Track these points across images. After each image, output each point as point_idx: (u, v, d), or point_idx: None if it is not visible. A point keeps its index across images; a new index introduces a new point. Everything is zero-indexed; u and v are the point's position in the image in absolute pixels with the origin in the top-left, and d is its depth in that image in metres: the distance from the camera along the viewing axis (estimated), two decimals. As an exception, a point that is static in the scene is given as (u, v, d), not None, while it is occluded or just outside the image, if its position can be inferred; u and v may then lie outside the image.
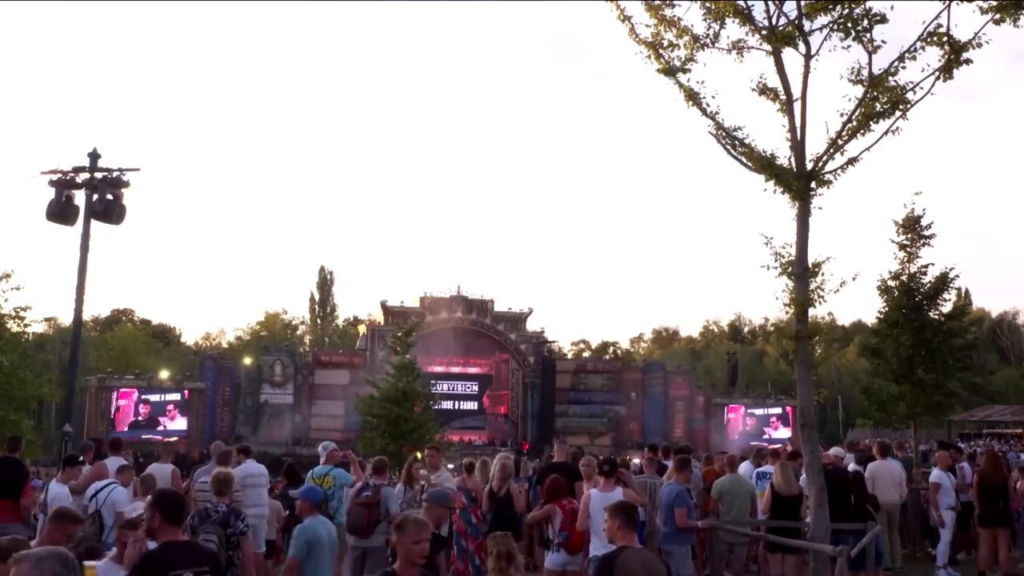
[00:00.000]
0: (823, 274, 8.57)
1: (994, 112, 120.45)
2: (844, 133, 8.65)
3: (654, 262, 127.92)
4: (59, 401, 28.40)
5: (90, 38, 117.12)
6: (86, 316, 26.58)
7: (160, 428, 47.20)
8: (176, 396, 48.98)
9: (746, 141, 8.84)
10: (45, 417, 51.87)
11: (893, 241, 16.86)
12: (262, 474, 10.51)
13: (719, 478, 10.55)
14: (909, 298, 16.53)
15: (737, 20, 8.79)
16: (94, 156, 14.28)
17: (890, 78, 8.54)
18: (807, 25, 8.70)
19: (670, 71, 8.93)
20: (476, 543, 9.06)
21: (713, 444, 46.64)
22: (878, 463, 11.85)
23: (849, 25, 8.58)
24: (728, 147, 8.92)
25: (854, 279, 8.90)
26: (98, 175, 14.19)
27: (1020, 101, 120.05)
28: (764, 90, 8.98)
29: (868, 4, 8.52)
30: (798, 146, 8.76)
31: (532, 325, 60.01)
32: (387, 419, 26.94)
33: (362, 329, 61.16)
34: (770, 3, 8.76)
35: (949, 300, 17.29)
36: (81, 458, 10.16)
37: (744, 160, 8.86)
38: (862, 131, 8.61)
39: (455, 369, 56.17)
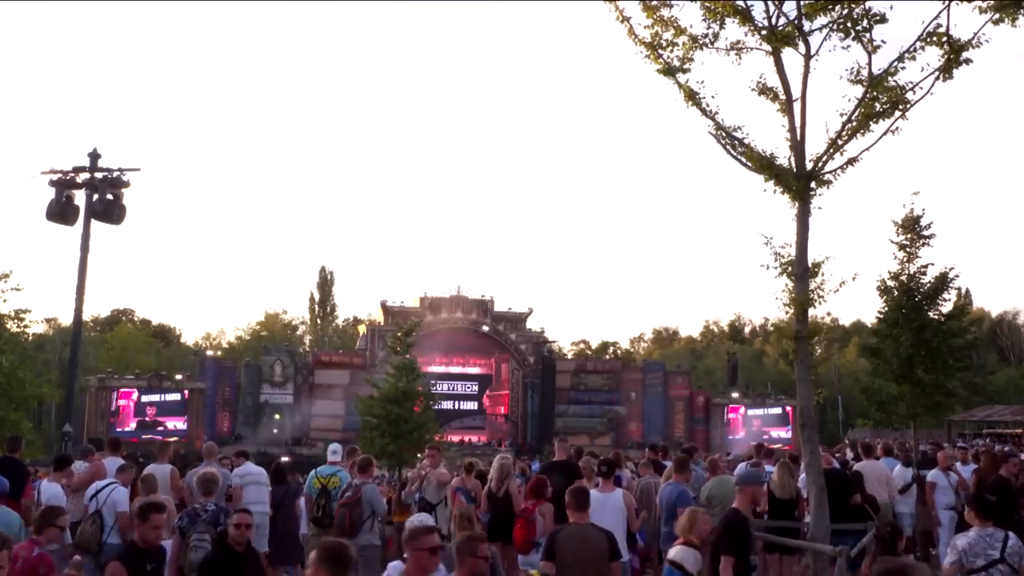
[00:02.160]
0: (823, 274, 8.56)
1: (994, 112, 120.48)
2: (844, 133, 8.64)
3: (654, 262, 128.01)
4: (59, 401, 28.38)
5: (90, 38, 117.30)
6: (86, 316, 26.61)
7: (160, 428, 47.22)
8: (176, 396, 48.96)
9: (746, 141, 8.83)
10: (45, 417, 51.89)
11: (893, 241, 16.80)
12: (261, 473, 10.52)
13: (705, 482, 10.49)
14: (909, 298, 16.46)
15: (736, 20, 8.78)
16: (94, 156, 14.29)
17: (890, 78, 8.53)
18: (807, 25, 8.69)
19: (669, 71, 8.93)
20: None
21: (713, 444, 46.61)
22: (864, 463, 11.71)
23: (849, 25, 8.57)
24: (728, 147, 8.91)
25: (854, 279, 8.88)
26: (98, 175, 14.20)
27: (1020, 101, 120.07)
28: (764, 90, 8.97)
29: (868, 4, 8.52)
30: (798, 146, 8.75)
31: (532, 325, 60.03)
32: (387, 419, 26.85)
33: (362, 329, 61.15)
34: (770, 3, 8.76)
35: (949, 300, 17.18)
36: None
37: (744, 160, 8.85)
38: (862, 131, 8.60)
39: (455, 369, 56.14)
